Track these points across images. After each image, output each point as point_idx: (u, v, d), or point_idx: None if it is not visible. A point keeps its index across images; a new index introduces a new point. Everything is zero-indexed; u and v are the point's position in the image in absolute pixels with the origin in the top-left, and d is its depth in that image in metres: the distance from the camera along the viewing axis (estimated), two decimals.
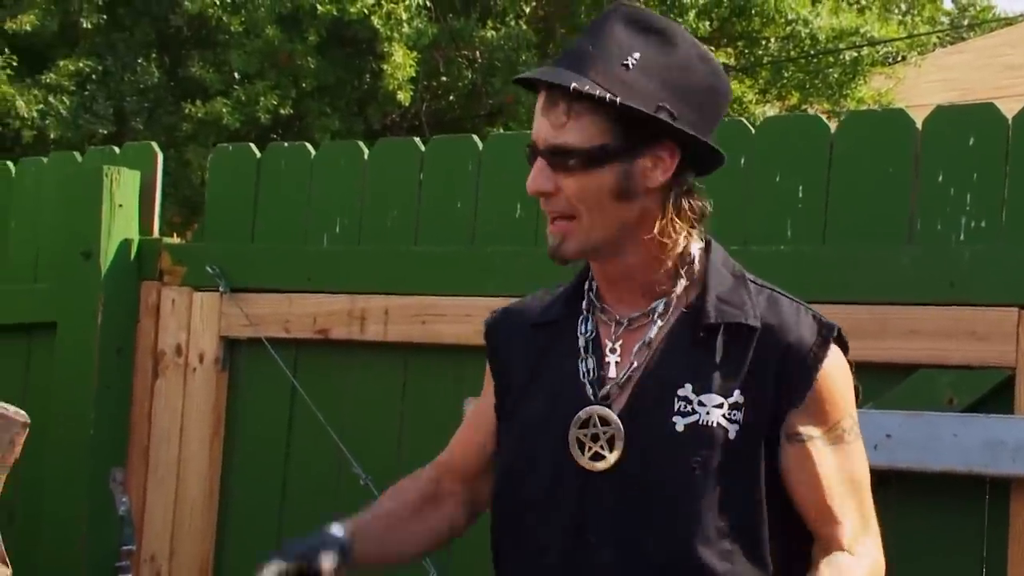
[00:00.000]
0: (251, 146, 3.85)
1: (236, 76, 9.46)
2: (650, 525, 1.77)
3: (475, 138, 3.49)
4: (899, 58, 14.25)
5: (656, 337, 1.82)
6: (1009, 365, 2.71)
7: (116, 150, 4.08)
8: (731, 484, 1.77)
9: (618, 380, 1.81)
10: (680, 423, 1.77)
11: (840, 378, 1.82)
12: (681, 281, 1.83)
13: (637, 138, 1.75)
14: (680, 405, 1.78)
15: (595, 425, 1.80)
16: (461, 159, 3.45)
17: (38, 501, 3.79)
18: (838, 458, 1.81)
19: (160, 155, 3.94)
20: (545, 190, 1.78)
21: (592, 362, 1.84)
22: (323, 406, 3.47)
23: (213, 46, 9.73)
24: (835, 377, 1.81)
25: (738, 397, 1.78)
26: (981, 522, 2.75)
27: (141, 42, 9.86)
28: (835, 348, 1.82)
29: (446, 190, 3.46)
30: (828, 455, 1.80)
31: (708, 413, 1.77)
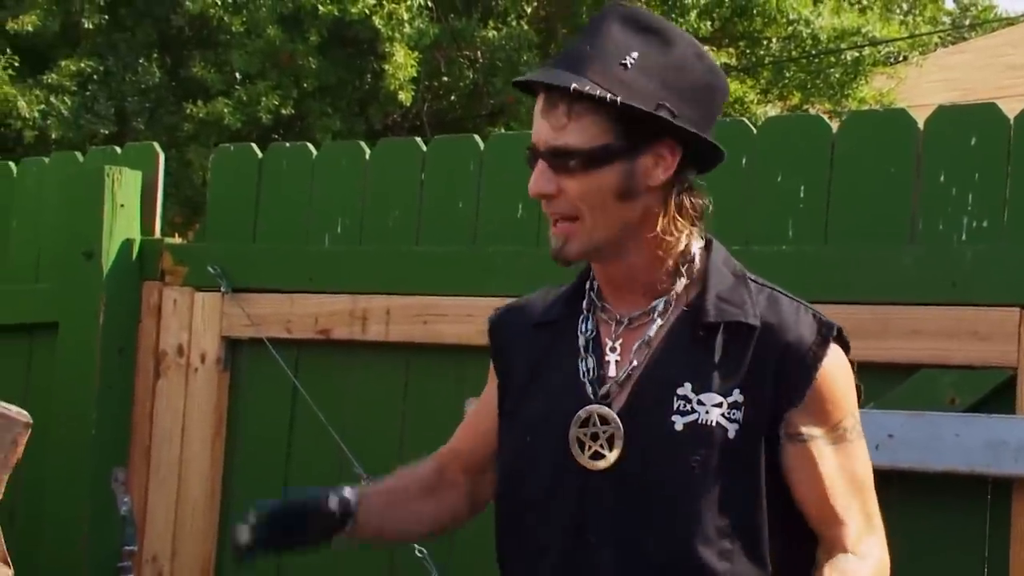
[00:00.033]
0: (253, 146, 3.85)
1: (237, 76, 9.46)
2: (650, 524, 1.77)
3: (476, 138, 3.49)
4: (900, 58, 14.24)
5: (655, 336, 1.82)
6: (1011, 365, 2.71)
7: (118, 150, 4.08)
8: (731, 483, 1.76)
9: (617, 379, 1.81)
10: (679, 422, 1.77)
11: (840, 377, 1.82)
12: (681, 280, 1.82)
13: (638, 137, 1.75)
14: (679, 404, 1.78)
15: (595, 424, 1.80)
16: (463, 159, 3.45)
17: (40, 501, 3.79)
18: (840, 458, 1.80)
19: (161, 155, 3.94)
20: (547, 192, 1.77)
21: (592, 361, 1.83)
22: (324, 406, 3.47)
23: (214, 46, 9.73)
24: (835, 376, 1.81)
25: (737, 396, 1.77)
26: (983, 522, 2.75)
27: (142, 42, 9.86)
28: (835, 347, 1.82)
29: (447, 190, 3.46)
30: (830, 455, 1.80)
31: (707, 412, 1.77)
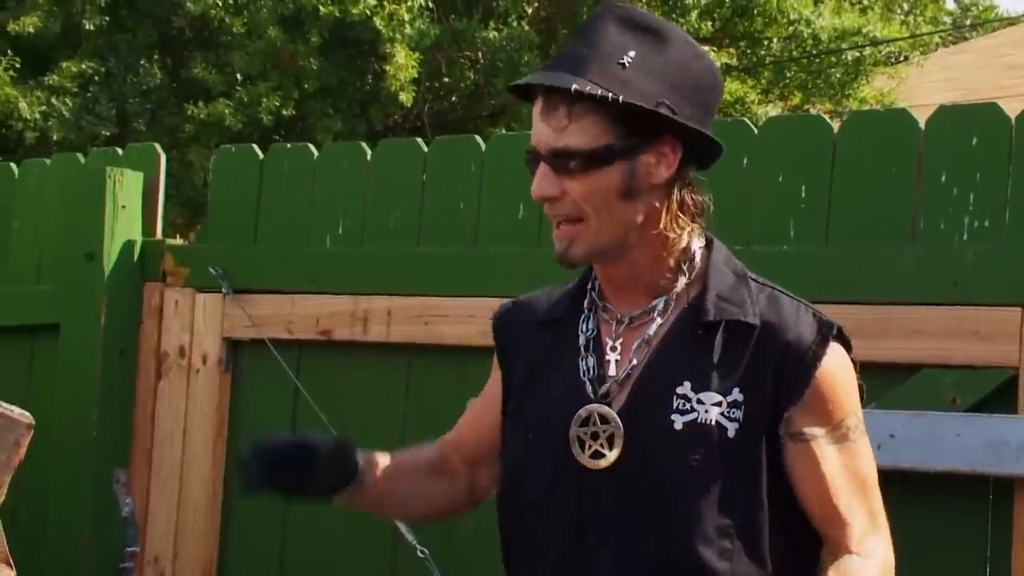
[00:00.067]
0: (254, 147, 3.85)
1: (238, 77, 9.46)
2: (650, 524, 1.77)
3: (478, 139, 3.49)
4: (901, 58, 14.25)
5: (655, 335, 1.82)
6: (1012, 365, 2.71)
7: (119, 151, 4.08)
8: (731, 482, 1.76)
9: (617, 378, 1.81)
10: (679, 421, 1.77)
11: (841, 376, 1.81)
12: (682, 279, 1.83)
13: (639, 135, 1.76)
14: (679, 403, 1.77)
15: (595, 423, 1.80)
16: (464, 160, 3.45)
17: (42, 502, 3.79)
18: (843, 456, 1.80)
19: (163, 156, 3.94)
20: (551, 194, 1.77)
21: (592, 360, 1.83)
22: (326, 407, 3.46)
23: (215, 47, 9.73)
24: (835, 375, 1.80)
25: (737, 395, 1.77)
26: (985, 522, 2.75)
27: (143, 43, 9.86)
28: (836, 346, 1.81)
29: (449, 191, 3.46)
30: (832, 454, 1.79)
31: (707, 411, 1.77)
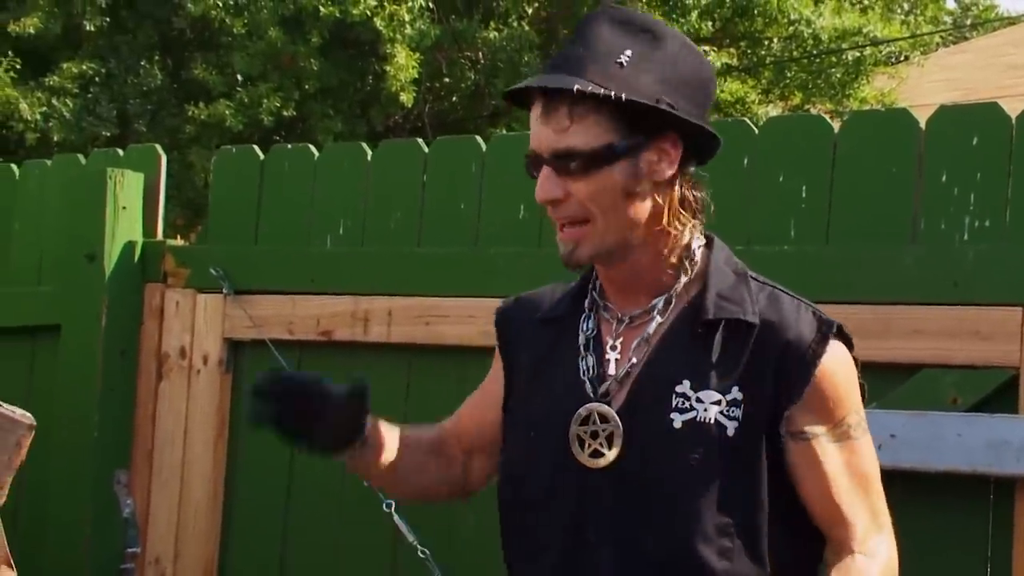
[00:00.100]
0: (254, 148, 3.86)
1: (239, 78, 9.46)
2: (649, 522, 1.77)
3: (478, 139, 3.49)
4: (902, 58, 14.24)
5: (655, 333, 1.82)
6: (1013, 365, 2.71)
7: (120, 152, 4.08)
8: (730, 481, 1.76)
9: (617, 376, 1.82)
10: (678, 419, 1.77)
11: (842, 374, 1.81)
12: (683, 277, 1.83)
13: (641, 133, 1.76)
14: (678, 401, 1.78)
15: (595, 422, 1.80)
16: (464, 160, 3.45)
17: (42, 503, 3.79)
18: (844, 455, 1.80)
19: (163, 157, 3.94)
20: (556, 197, 1.77)
21: (592, 360, 1.84)
22: None
23: (216, 48, 9.73)
24: (836, 373, 1.80)
25: (736, 394, 1.77)
26: (986, 522, 2.75)
27: (144, 44, 9.86)
28: (837, 344, 1.82)
29: (449, 191, 3.46)
30: (833, 452, 1.79)
31: (706, 410, 1.77)
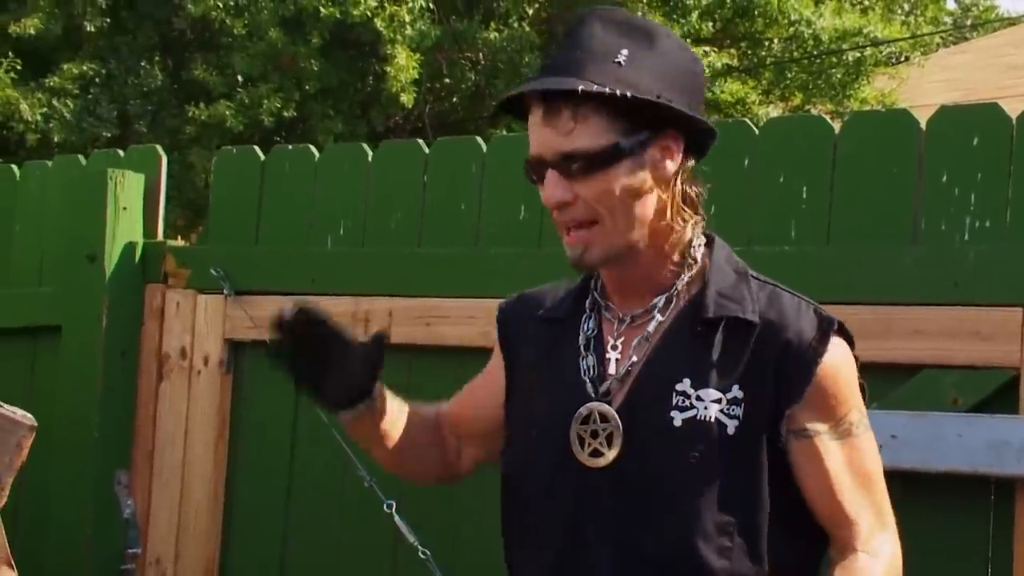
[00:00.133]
0: (255, 149, 3.85)
1: (239, 79, 9.47)
2: (648, 521, 1.77)
3: (479, 140, 3.49)
4: (902, 58, 14.25)
5: (655, 332, 1.82)
6: (1014, 365, 2.71)
7: (120, 153, 4.08)
8: (730, 480, 1.76)
9: (617, 375, 1.82)
10: (678, 418, 1.77)
11: (843, 372, 1.82)
12: (684, 275, 1.83)
13: (644, 131, 1.77)
14: (678, 400, 1.78)
15: (595, 421, 1.80)
16: (465, 161, 3.45)
17: (43, 504, 3.79)
18: (846, 452, 1.80)
19: (164, 158, 3.93)
20: (565, 200, 1.77)
21: (593, 359, 1.84)
22: None
23: (216, 49, 9.74)
24: (837, 370, 1.81)
25: (737, 392, 1.77)
26: (986, 523, 2.74)
27: (144, 45, 9.87)
28: (837, 341, 1.82)
29: (450, 192, 3.46)
30: (835, 450, 1.79)
31: (706, 408, 1.77)
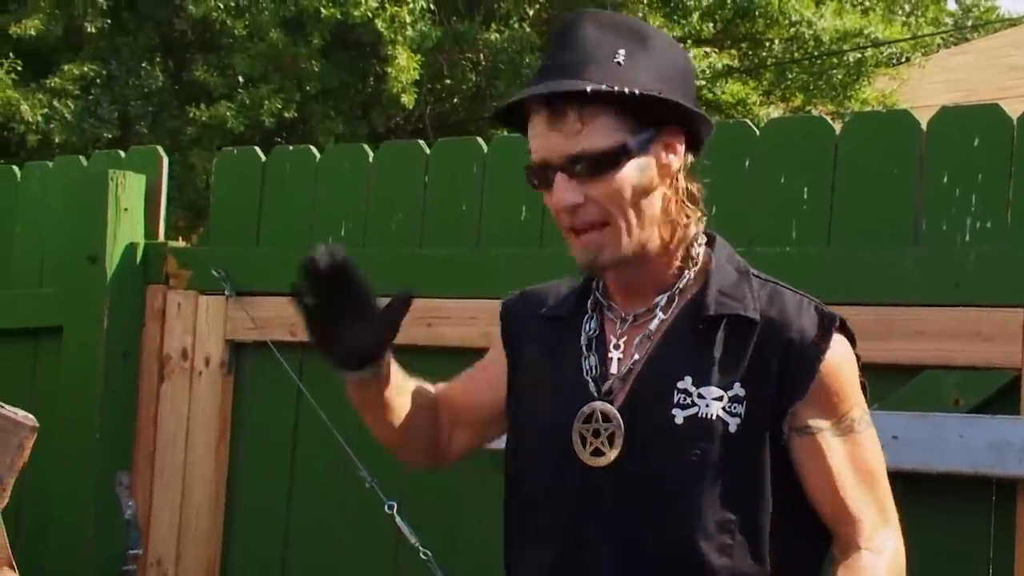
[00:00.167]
0: (256, 150, 3.86)
1: (240, 80, 9.47)
2: (649, 520, 1.77)
3: (480, 140, 3.49)
4: (903, 59, 14.25)
5: (656, 330, 1.83)
6: (1015, 366, 2.71)
7: (121, 154, 4.08)
8: (732, 478, 1.76)
9: (619, 374, 1.82)
10: (679, 415, 1.77)
11: (845, 368, 1.82)
12: (686, 274, 1.84)
13: (648, 128, 1.77)
14: (679, 397, 1.78)
15: (597, 420, 1.80)
16: (465, 162, 3.45)
17: (44, 505, 3.79)
18: (849, 449, 1.80)
19: (165, 159, 3.94)
20: (576, 202, 1.76)
21: (595, 359, 1.84)
22: (329, 409, 3.46)
23: (217, 50, 9.74)
24: (839, 367, 1.81)
25: (739, 390, 1.77)
26: (988, 523, 2.75)
27: (145, 46, 9.87)
28: (839, 338, 1.82)
29: (451, 193, 3.46)
30: (838, 446, 1.79)
31: (707, 406, 1.77)
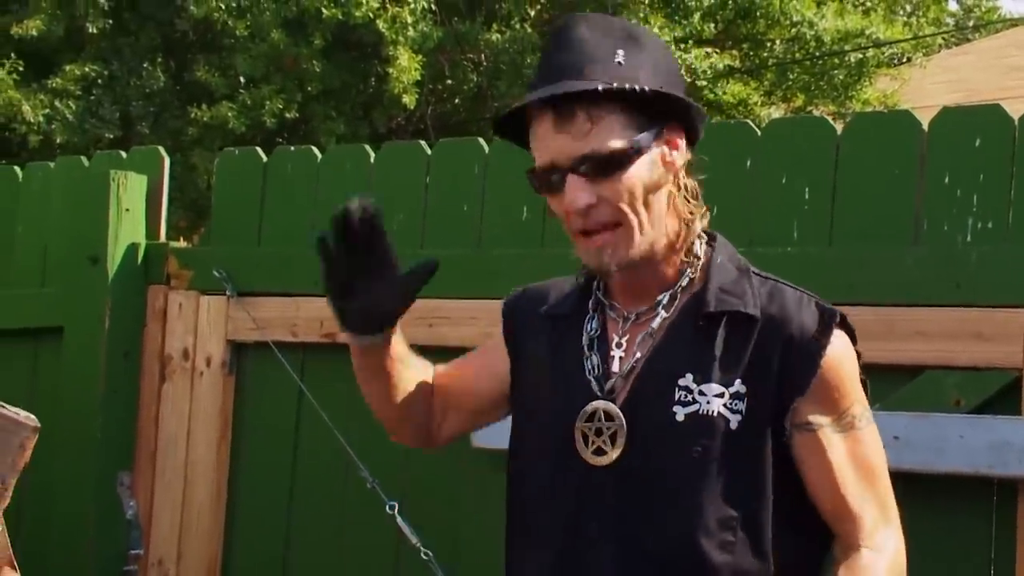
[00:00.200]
0: (257, 150, 3.86)
1: (242, 80, 9.47)
2: (651, 517, 1.77)
3: (481, 141, 3.49)
4: (904, 59, 14.24)
5: (658, 328, 1.83)
6: (1016, 366, 2.71)
7: (123, 155, 4.08)
8: (733, 475, 1.77)
9: (622, 372, 1.82)
10: (680, 413, 1.78)
11: (846, 365, 1.82)
12: (687, 272, 1.84)
13: (656, 125, 1.78)
14: (681, 395, 1.78)
15: (599, 419, 1.81)
16: (467, 162, 3.45)
17: (46, 505, 3.80)
18: (849, 445, 1.80)
19: (166, 159, 3.94)
20: (590, 203, 1.76)
21: (596, 359, 1.85)
22: (330, 410, 3.46)
23: (219, 50, 9.74)
24: (841, 363, 1.81)
25: (739, 387, 1.78)
26: (989, 524, 2.75)
27: (147, 47, 9.88)
28: (840, 334, 1.82)
29: (452, 193, 3.46)
30: (839, 443, 1.79)
31: (709, 403, 1.77)
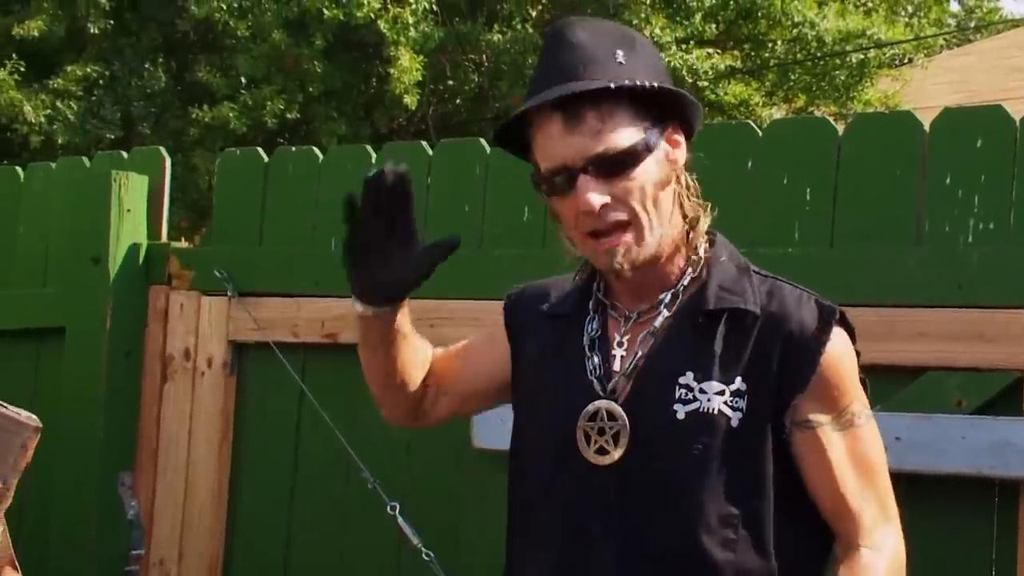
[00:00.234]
0: (258, 150, 3.86)
1: (243, 81, 9.47)
2: (652, 515, 1.78)
3: (482, 141, 3.49)
4: (906, 60, 14.24)
5: (659, 327, 1.83)
6: (1017, 367, 2.71)
7: (124, 155, 4.09)
8: (734, 472, 1.77)
9: (623, 371, 1.83)
10: (681, 411, 1.78)
11: (845, 361, 1.82)
12: (689, 271, 1.84)
13: (661, 123, 1.79)
14: (681, 393, 1.79)
15: (602, 419, 1.81)
16: (468, 163, 3.45)
17: (47, 505, 3.80)
18: (849, 443, 1.80)
19: (168, 160, 3.94)
20: (605, 202, 1.76)
21: (598, 359, 1.85)
22: (331, 410, 3.47)
23: (220, 51, 9.74)
24: (840, 360, 1.81)
25: (740, 384, 1.78)
26: (990, 525, 2.74)
27: (148, 47, 9.88)
28: (840, 332, 1.83)
29: (453, 194, 3.46)
30: (838, 440, 1.80)
31: (709, 400, 1.78)
